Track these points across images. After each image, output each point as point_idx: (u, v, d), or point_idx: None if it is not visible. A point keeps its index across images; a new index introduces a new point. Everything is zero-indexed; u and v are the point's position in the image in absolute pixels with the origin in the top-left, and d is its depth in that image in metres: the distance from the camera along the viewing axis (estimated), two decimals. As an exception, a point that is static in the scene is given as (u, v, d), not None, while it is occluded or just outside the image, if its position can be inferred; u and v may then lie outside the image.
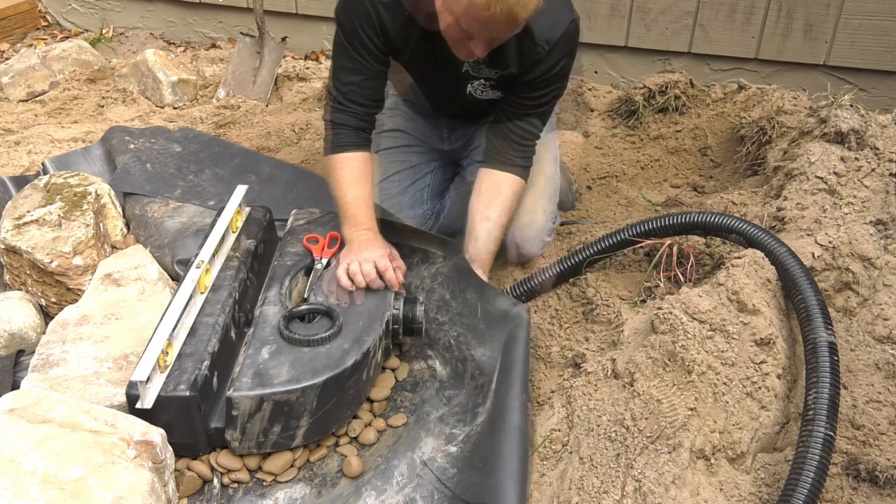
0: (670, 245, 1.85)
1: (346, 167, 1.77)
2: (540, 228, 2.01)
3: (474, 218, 1.85)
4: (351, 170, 1.76)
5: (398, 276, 1.68)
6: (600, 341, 1.74)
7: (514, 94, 1.80)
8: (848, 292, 1.67)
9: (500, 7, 1.43)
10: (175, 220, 2.09)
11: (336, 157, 1.78)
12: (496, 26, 1.49)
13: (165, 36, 3.88)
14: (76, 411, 1.35)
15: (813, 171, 1.89)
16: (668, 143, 2.70)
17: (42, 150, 2.66)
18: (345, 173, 1.76)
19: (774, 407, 1.47)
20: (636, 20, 3.08)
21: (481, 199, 1.85)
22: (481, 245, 1.83)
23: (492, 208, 1.83)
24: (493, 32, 1.53)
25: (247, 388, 1.43)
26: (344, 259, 1.71)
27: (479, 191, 1.87)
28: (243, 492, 1.47)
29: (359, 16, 1.68)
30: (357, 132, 1.79)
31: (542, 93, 1.79)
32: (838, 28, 2.84)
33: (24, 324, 1.78)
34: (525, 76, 1.74)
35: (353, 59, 1.73)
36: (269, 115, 3.05)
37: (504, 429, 1.44)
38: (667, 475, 1.32)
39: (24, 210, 1.95)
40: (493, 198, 1.84)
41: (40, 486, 1.22)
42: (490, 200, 1.84)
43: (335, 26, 1.75)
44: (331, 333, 1.54)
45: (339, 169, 1.77)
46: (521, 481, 1.36)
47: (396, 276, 1.67)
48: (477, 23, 1.49)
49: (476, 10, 1.45)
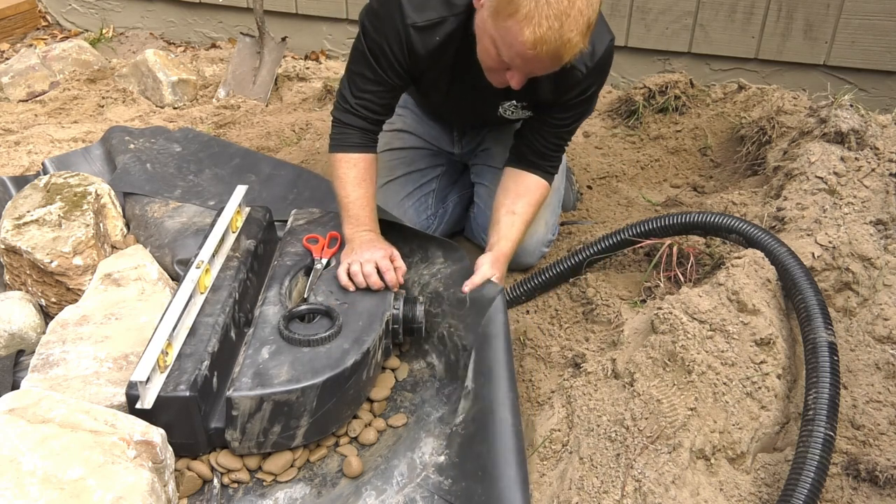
0: (670, 245, 1.85)
1: (352, 167, 1.76)
2: (540, 240, 2.01)
3: (499, 211, 1.82)
4: (356, 170, 1.75)
5: (398, 276, 1.68)
6: (600, 341, 1.74)
7: (544, 113, 1.78)
8: (848, 292, 1.67)
9: (547, 48, 1.39)
10: (175, 220, 2.09)
11: (341, 156, 1.77)
12: (539, 64, 1.46)
13: (165, 36, 3.89)
14: (76, 411, 1.35)
15: (813, 171, 1.89)
16: (668, 143, 2.70)
17: (42, 150, 2.66)
18: (350, 173, 1.75)
19: (774, 407, 1.47)
20: (636, 20, 3.08)
21: (508, 195, 1.83)
22: (502, 234, 1.79)
23: (518, 204, 1.81)
24: (535, 69, 1.50)
25: (247, 388, 1.43)
26: (345, 259, 1.70)
27: (505, 187, 1.85)
28: (243, 492, 1.47)
29: (388, 34, 1.62)
30: (365, 133, 1.78)
31: (573, 113, 1.77)
32: (838, 28, 2.84)
33: (24, 324, 1.78)
34: (559, 98, 1.71)
35: (374, 71, 1.68)
36: (269, 115, 3.05)
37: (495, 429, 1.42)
38: (667, 475, 1.32)
39: (24, 210, 1.95)
40: (521, 195, 1.82)
41: (40, 486, 1.22)
42: (517, 197, 1.82)
43: (358, 28, 1.69)
44: (331, 333, 1.54)
45: (344, 168, 1.76)
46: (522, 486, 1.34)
47: (397, 277, 1.67)
48: (520, 58, 1.45)
49: (521, 48, 1.41)
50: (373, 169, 1.79)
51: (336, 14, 3.51)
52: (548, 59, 1.43)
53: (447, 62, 1.68)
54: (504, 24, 1.40)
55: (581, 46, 1.42)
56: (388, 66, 1.67)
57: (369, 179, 1.77)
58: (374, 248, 1.69)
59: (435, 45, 1.63)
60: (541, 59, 1.42)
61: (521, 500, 1.32)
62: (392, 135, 2.13)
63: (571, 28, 1.37)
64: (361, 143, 1.77)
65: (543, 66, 1.47)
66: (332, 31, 3.60)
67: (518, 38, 1.39)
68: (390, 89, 1.73)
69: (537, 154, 1.84)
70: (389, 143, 2.12)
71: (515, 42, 1.40)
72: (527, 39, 1.38)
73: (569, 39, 1.38)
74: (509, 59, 1.47)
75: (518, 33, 1.38)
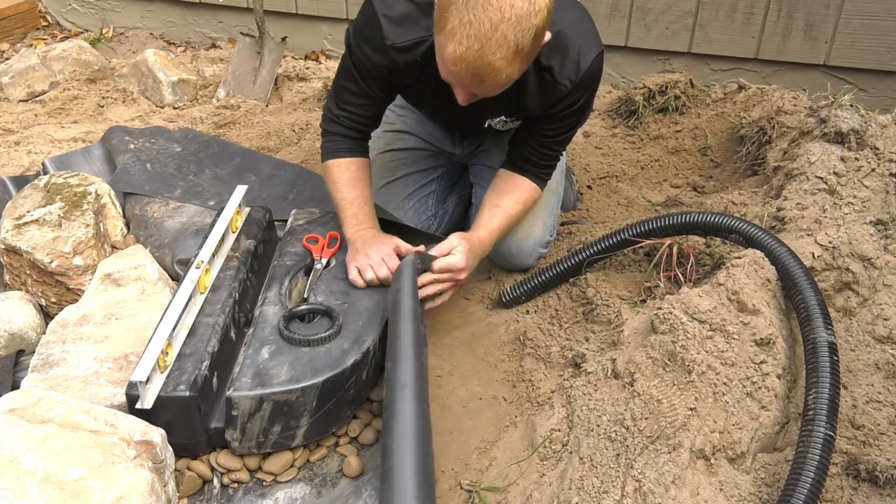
0: (670, 245, 1.85)
1: (343, 170, 1.78)
2: (537, 241, 2.01)
3: (484, 206, 1.83)
4: (347, 173, 1.77)
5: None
6: (600, 341, 1.74)
7: (534, 125, 1.78)
8: (848, 292, 1.67)
9: (466, 67, 1.39)
10: (175, 220, 2.09)
11: (332, 161, 1.80)
12: (463, 81, 1.46)
13: (165, 36, 3.88)
14: (76, 411, 1.35)
15: (813, 171, 1.89)
16: (668, 143, 2.70)
17: (42, 150, 2.66)
18: (342, 175, 1.77)
19: (774, 407, 1.47)
20: (636, 20, 3.08)
21: (495, 191, 1.83)
22: (481, 221, 1.78)
23: (504, 199, 1.81)
24: (466, 87, 1.49)
25: (247, 388, 1.43)
26: (351, 261, 1.71)
27: (494, 186, 1.85)
28: (243, 492, 1.47)
29: (371, 52, 1.64)
30: (353, 140, 1.81)
31: (563, 125, 1.76)
32: (838, 28, 2.84)
33: (24, 324, 1.78)
34: (547, 111, 1.71)
35: (359, 85, 1.71)
36: (269, 115, 3.05)
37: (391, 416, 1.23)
38: (667, 475, 1.32)
39: (24, 210, 1.95)
40: (509, 192, 1.82)
41: (40, 486, 1.22)
42: (504, 193, 1.82)
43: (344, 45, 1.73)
44: (330, 333, 1.54)
45: (336, 172, 1.78)
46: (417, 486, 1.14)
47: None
48: (449, 74, 1.47)
49: (446, 62, 1.42)
50: (365, 171, 1.81)
51: (336, 14, 3.51)
52: (468, 78, 1.43)
53: (429, 79, 1.69)
54: (438, 38, 1.43)
55: (508, 72, 1.40)
56: (373, 81, 1.70)
57: (363, 180, 1.79)
58: (378, 243, 1.69)
59: (416, 64, 1.65)
60: (462, 76, 1.43)
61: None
62: (393, 135, 2.13)
63: (493, 51, 1.36)
64: (351, 148, 1.80)
65: (468, 84, 1.47)
66: (332, 31, 3.60)
67: (443, 52, 1.41)
68: (375, 102, 1.76)
69: (529, 162, 1.84)
70: (390, 143, 2.12)
71: (442, 56, 1.43)
72: (448, 55, 1.40)
73: (489, 63, 1.37)
74: (444, 74, 1.49)
75: (443, 48, 1.41)
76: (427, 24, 1.59)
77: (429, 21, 1.56)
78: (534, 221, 1.96)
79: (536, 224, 1.98)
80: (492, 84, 1.43)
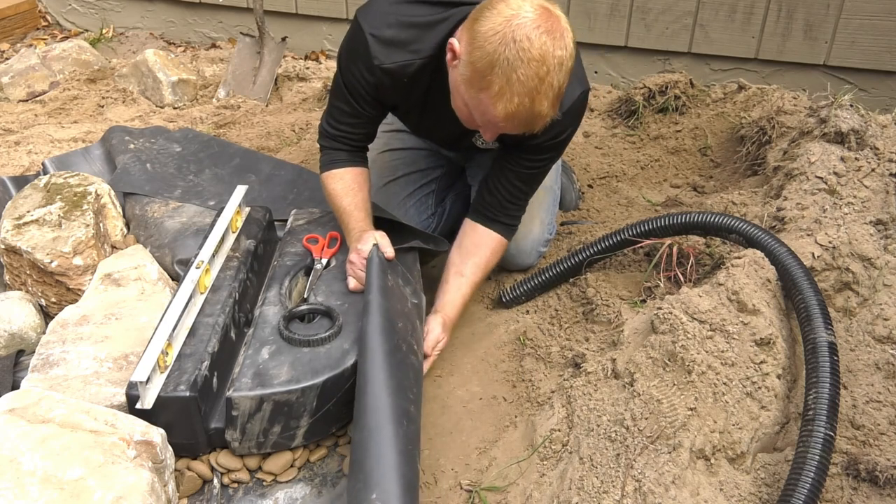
0: (670, 245, 1.85)
1: (338, 180, 1.79)
2: (535, 240, 2.01)
3: (449, 270, 1.84)
4: (342, 182, 1.79)
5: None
6: (600, 341, 1.74)
7: (511, 154, 1.79)
8: (848, 292, 1.67)
9: (518, 120, 1.44)
10: (175, 220, 2.09)
11: (328, 173, 1.81)
12: (510, 130, 1.51)
13: (165, 36, 3.88)
14: (76, 411, 1.35)
15: (813, 171, 1.89)
16: (668, 143, 2.70)
17: (42, 150, 2.66)
18: (338, 185, 1.79)
19: (774, 407, 1.47)
20: (636, 20, 3.08)
21: (460, 252, 1.85)
22: (448, 298, 1.81)
23: (468, 264, 1.82)
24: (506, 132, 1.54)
25: (247, 388, 1.43)
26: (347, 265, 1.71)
27: (459, 244, 1.87)
28: (243, 492, 1.47)
29: (359, 71, 1.67)
30: (350, 153, 1.82)
31: (540, 157, 1.78)
32: (838, 28, 2.84)
33: (24, 324, 1.78)
34: (528, 140, 1.70)
35: (350, 104, 1.74)
36: (269, 115, 3.05)
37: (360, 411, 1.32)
38: (667, 475, 1.32)
39: (24, 210, 1.95)
40: (472, 254, 1.83)
41: (40, 486, 1.22)
42: (468, 256, 1.83)
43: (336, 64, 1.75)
44: (331, 333, 1.54)
45: (332, 183, 1.80)
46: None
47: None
48: (491, 125, 1.50)
49: (493, 118, 1.45)
50: (361, 179, 1.82)
51: (336, 14, 3.51)
52: (519, 128, 1.49)
53: (417, 99, 1.73)
54: (477, 96, 1.45)
55: (551, 114, 1.47)
56: (363, 100, 1.72)
57: (357, 187, 1.80)
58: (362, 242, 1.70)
59: (403, 85, 1.67)
60: (509, 129, 1.49)
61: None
62: (391, 135, 2.13)
63: (542, 102, 1.41)
64: (347, 159, 1.82)
65: (514, 131, 1.51)
66: (332, 31, 3.60)
67: (490, 110, 1.44)
68: (367, 121, 1.79)
69: (497, 206, 1.83)
70: (389, 143, 2.13)
71: (487, 112, 1.46)
72: (498, 113, 1.43)
73: (539, 112, 1.43)
74: (482, 123, 1.53)
75: (490, 107, 1.43)
76: (415, 47, 1.61)
77: (417, 45, 1.60)
78: (530, 221, 1.96)
79: (533, 223, 1.98)
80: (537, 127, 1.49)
